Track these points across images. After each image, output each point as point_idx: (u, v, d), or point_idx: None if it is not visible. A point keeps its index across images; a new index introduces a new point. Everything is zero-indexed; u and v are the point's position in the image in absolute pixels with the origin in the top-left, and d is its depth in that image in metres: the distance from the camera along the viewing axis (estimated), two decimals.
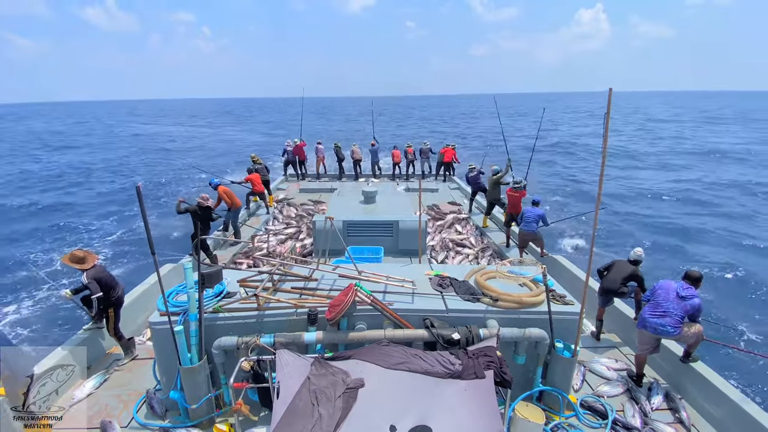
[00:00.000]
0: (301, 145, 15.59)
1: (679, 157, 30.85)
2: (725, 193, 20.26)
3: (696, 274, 4.54)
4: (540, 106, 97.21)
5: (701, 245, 13.57)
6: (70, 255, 4.83)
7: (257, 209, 11.81)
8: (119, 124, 73.13)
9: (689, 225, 15.54)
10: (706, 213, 17.29)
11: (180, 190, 21.38)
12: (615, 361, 5.19)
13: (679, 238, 14.19)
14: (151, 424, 4.05)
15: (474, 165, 11.48)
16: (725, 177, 23.58)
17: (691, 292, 4.40)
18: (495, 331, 3.85)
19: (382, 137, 20.14)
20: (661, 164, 28.44)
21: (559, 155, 32.59)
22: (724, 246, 13.38)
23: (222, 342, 3.84)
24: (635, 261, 5.56)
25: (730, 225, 15.51)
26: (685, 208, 18.03)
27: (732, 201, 18.83)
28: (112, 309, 4.96)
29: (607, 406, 4.25)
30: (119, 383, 4.70)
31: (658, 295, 4.58)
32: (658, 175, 24.88)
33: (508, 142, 12.34)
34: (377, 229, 8.08)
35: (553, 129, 51.00)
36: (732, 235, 14.33)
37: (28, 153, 37.32)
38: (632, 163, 29.04)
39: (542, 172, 25.36)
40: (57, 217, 17.03)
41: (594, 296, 5.76)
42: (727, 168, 26.43)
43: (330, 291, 4.36)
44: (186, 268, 3.73)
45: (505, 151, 11.28)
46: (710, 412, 4.28)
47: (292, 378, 3.14)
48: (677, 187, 21.64)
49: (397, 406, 2.97)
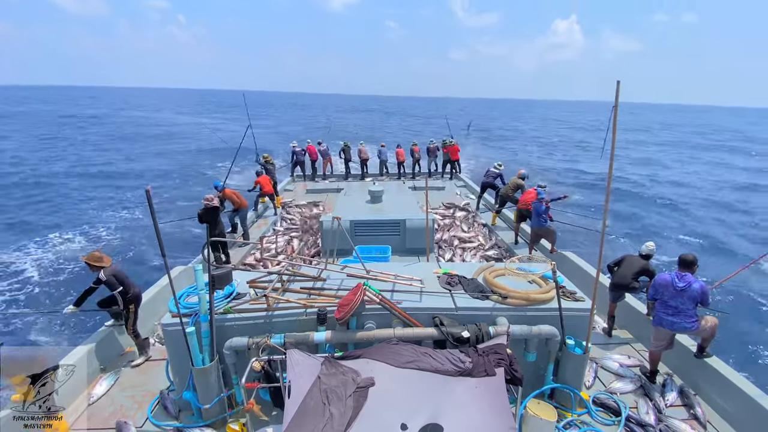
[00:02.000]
0: (311, 147, 15.72)
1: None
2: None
3: (689, 258, 4.40)
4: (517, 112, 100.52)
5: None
6: (89, 255, 4.96)
7: (265, 210, 11.89)
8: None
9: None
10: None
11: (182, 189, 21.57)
12: (627, 357, 5.13)
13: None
14: (166, 424, 4.11)
15: (502, 165, 11.36)
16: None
17: (687, 280, 4.29)
18: (505, 329, 3.83)
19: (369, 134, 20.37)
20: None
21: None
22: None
23: (233, 342, 3.87)
24: (647, 255, 5.48)
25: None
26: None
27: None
28: (132, 305, 5.09)
29: (620, 403, 4.21)
30: (133, 384, 4.77)
31: (661, 293, 4.50)
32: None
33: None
34: (384, 229, 8.08)
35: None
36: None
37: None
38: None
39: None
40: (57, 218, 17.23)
41: (605, 292, 5.70)
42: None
43: (338, 290, 4.38)
44: (196, 269, 3.77)
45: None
46: (725, 408, 4.22)
47: (303, 377, 3.16)
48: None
49: (408, 404, 2.97)
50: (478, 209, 11.72)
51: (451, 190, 14.10)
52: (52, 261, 12.56)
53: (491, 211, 10.83)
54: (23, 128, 45.40)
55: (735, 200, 22.08)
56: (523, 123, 77.53)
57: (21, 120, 54.78)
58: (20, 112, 67.90)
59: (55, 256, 12.84)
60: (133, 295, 5.11)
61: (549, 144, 46.57)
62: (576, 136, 54.00)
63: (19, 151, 30.67)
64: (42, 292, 10.63)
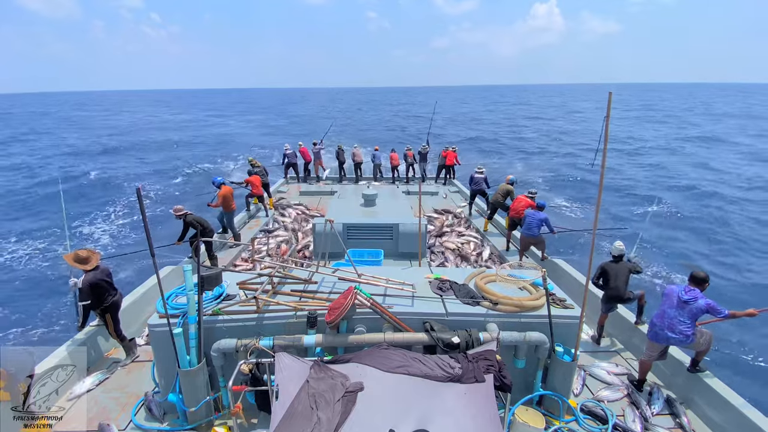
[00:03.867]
0: (304, 149, 15.66)
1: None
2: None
3: (701, 275, 4.40)
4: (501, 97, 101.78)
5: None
6: (73, 254, 4.80)
7: (257, 212, 11.81)
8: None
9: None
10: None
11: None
12: (615, 365, 5.16)
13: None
14: (150, 427, 4.03)
15: (483, 168, 11.41)
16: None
17: (693, 295, 4.29)
18: (495, 335, 3.84)
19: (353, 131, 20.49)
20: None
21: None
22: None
23: (221, 344, 3.83)
24: (619, 257, 5.44)
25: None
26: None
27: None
28: (108, 314, 4.94)
29: (607, 411, 4.23)
30: (117, 385, 4.68)
31: (663, 302, 4.51)
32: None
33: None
34: (377, 232, 8.07)
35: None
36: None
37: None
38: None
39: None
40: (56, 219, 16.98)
41: (594, 300, 5.74)
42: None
43: (330, 294, 4.36)
44: (185, 270, 3.73)
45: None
46: (711, 418, 4.26)
47: (292, 381, 3.13)
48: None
49: (397, 409, 2.96)
50: (471, 215, 11.77)
51: (444, 196, 14.15)
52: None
53: (484, 218, 10.88)
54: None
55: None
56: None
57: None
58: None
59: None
60: (111, 303, 4.93)
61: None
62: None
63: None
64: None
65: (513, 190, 9.69)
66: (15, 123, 58.12)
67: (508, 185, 9.77)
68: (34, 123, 57.67)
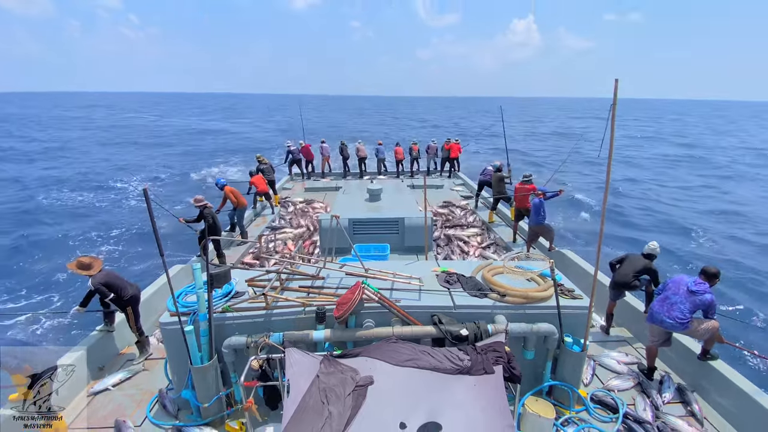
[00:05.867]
0: (307, 146, 15.67)
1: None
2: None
3: (712, 270, 4.39)
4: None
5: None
6: (76, 262, 4.89)
7: (263, 209, 11.88)
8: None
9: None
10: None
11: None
12: (625, 354, 5.15)
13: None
14: (164, 423, 4.11)
15: (501, 162, 10.94)
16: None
17: (702, 288, 4.28)
18: (503, 327, 3.84)
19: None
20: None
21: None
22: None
23: (232, 341, 3.87)
24: (649, 255, 5.42)
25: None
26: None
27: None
28: (129, 307, 5.08)
29: (617, 400, 4.22)
30: (132, 383, 4.77)
31: (668, 288, 4.51)
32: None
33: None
34: (383, 227, 8.08)
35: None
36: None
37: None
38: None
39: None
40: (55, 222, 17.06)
41: (603, 290, 5.71)
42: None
43: (337, 289, 4.38)
44: (195, 268, 3.77)
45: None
46: (722, 405, 4.24)
47: (302, 376, 3.16)
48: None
49: (407, 402, 2.97)
50: (477, 207, 11.73)
51: (450, 188, 14.12)
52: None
53: (489, 209, 10.85)
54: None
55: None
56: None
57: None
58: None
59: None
60: (130, 296, 5.07)
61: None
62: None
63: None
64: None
65: (504, 176, 9.65)
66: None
67: (497, 173, 9.75)
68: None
